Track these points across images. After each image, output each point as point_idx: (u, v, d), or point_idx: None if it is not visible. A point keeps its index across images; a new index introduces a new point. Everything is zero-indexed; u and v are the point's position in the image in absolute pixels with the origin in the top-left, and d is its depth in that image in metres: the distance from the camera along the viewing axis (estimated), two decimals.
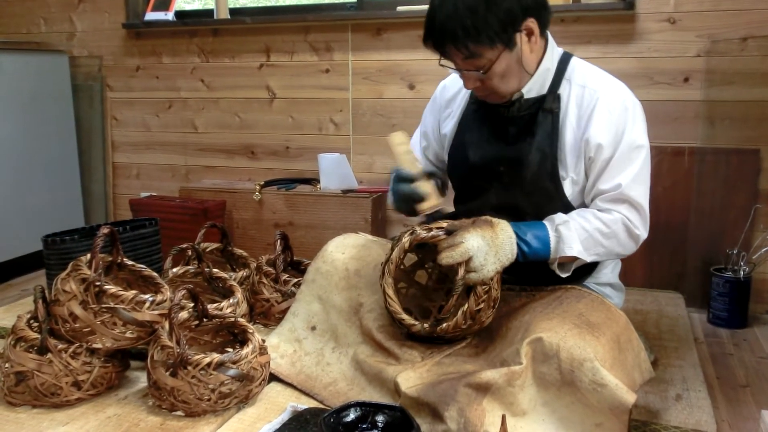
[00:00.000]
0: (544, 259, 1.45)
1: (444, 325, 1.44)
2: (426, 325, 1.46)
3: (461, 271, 1.37)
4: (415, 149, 1.78)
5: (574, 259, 1.46)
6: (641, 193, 1.47)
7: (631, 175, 1.45)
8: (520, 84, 1.49)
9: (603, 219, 1.46)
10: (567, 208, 1.52)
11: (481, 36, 1.37)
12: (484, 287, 1.40)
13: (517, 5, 1.38)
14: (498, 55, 1.40)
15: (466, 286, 1.40)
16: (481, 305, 1.42)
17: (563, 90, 1.51)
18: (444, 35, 1.40)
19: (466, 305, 1.41)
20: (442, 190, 1.63)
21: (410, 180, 1.54)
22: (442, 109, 1.72)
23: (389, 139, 1.59)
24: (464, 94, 1.67)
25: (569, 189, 1.51)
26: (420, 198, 1.52)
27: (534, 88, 1.50)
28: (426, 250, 1.58)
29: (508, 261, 1.40)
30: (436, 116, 1.74)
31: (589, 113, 1.47)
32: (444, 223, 1.45)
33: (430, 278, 1.65)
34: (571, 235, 1.43)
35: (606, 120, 1.46)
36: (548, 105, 1.50)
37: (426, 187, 1.53)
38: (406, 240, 1.47)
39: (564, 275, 1.49)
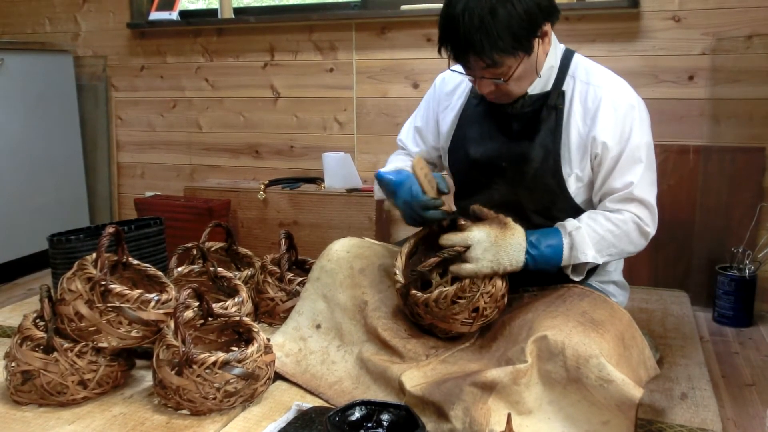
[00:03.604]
0: (555, 266, 1.44)
1: (418, 293, 1.47)
2: (404, 285, 1.50)
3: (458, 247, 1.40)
4: (406, 140, 1.80)
5: (588, 262, 1.46)
6: (650, 192, 1.48)
7: (640, 173, 1.46)
8: (531, 84, 1.49)
9: (613, 220, 1.46)
10: (570, 204, 1.53)
11: (506, 46, 1.36)
12: (473, 287, 1.41)
13: (537, 10, 1.38)
14: (519, 63, 1.41)
15: (458, 276, 1.42)
16: (461, 301, 1.43)
17: (567, 87, 1.51)
18: (469, 46, 1.38)
19: (449, 289, 1.43)
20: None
21: (433, 207, 1.52)
22: (441, 101, 1.71)
23: (413, 164, 1.56)
24: (465, 88, 1.66)
25: (573, 185, 1.52)
26: (441, 218, 1.54)
27: (538, 85, 1.50)
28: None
29: (509, 266, 1.40)
30: (434, 108, 1.73)
31: (595, 111, 1.47)
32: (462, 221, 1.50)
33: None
34: (584, 240, 1.43)
35: (612, 118, 1.46)
36: (552, 101, 1.51)
37: (444, 207, 1.55)
38: (446, 221, 1.53)
39: (577, 279, 1.49)
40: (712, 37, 2.21)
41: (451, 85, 1.70)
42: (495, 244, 1.39)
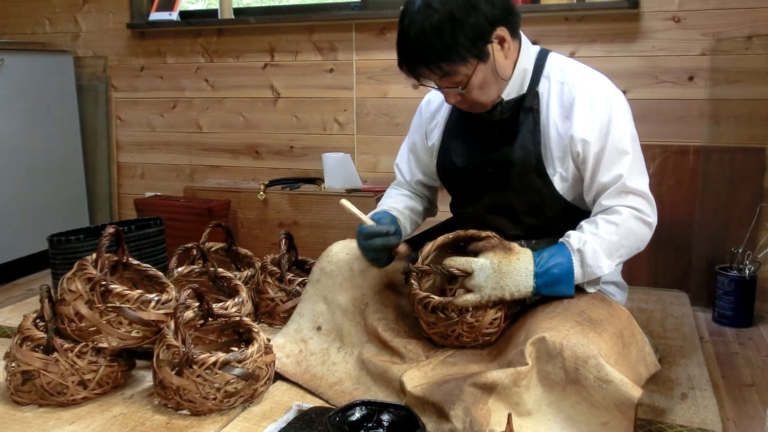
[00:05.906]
0: (569, 285, 1.41)
1: (414, 284, 1.48)
2: (406, 267, 1.52)
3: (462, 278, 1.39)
4: (401, 164, 1.82)
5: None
6: (642, 181, 1.46)
7: (628, 164, 1.44)
8: (500, 90, 1.49)
9: (614, 221, 1.43)
10: (560, 202, 1.53)
11: (452, 55, 1.37)
12: (455, 310, 1.41)
13: (484, 19, 1.38)
14: (473, 70, 1.41)
15: (464, 308, 1.41)
16: (440, 314, 1.43)
17: (542, 87, 1.51)
18: (416, 59, 1.41)
19: (434, 298, 1.43)
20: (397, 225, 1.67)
21: (377, 234, 1.56)
22: (427, 122, 1.74)
23: (343, 204, 1.60)
24: (448, 105, 1.67)
25: (559, 185, 1.51)
26: (396, 243, 1.57)
27: (513, 90, 1.50)
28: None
29: (516, 292, 1.38)
30: (422, 129, 1.75)
31: (570, 108, 1.46)
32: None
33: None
34: (595, 253, 1.40)
35: (588, 114, 1.45)
36: (528, 103, 1.51)
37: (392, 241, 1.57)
38: (471, 232, 1.53)
39: (593, 290, 1.47)
40: (711, 38, 2.21)
41: (435, 104, 1.72)
42: (498, 271, 1.37)
